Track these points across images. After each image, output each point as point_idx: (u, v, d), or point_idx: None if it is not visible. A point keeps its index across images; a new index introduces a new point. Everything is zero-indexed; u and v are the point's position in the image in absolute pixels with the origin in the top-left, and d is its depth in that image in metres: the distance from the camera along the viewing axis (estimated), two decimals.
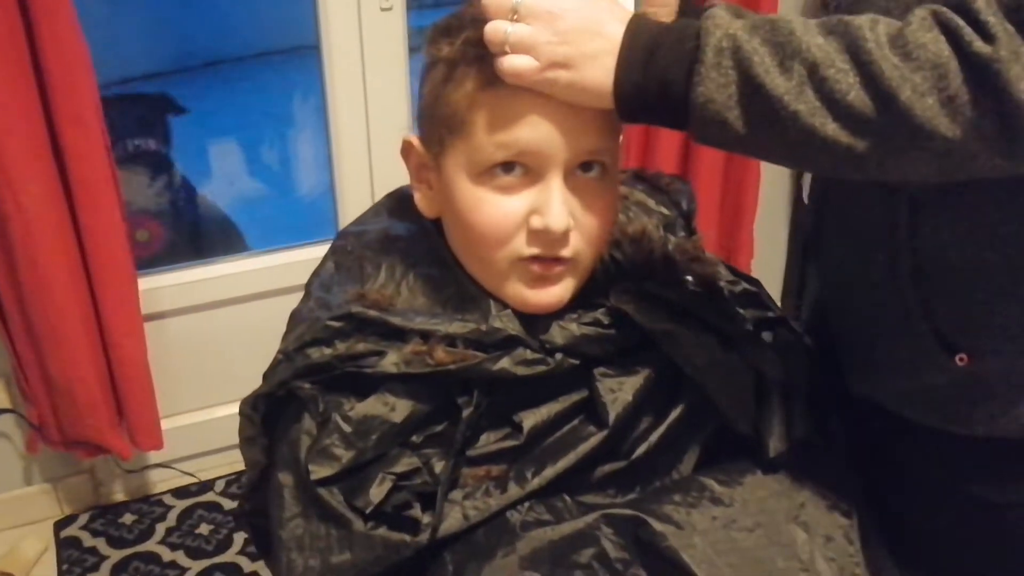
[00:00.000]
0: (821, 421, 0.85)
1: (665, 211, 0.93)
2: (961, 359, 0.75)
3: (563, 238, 0.73)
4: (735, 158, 1.99)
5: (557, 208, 0.72)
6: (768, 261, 2.35)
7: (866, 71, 0.60)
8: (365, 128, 1.87)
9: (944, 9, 0.60)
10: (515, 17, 0.68)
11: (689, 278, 0.83)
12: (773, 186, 2.21)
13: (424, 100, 0.78)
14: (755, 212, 2.10)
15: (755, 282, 0.89)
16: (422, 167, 0.80)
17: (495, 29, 0.68)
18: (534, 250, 0.74)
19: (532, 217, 0.73)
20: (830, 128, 0.62)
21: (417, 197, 0.82)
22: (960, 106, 0.59)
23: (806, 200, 0.93)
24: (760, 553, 0.73)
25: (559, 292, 0.77)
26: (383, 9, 1.79)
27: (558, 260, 0.75)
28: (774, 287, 2.45)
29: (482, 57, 0.71)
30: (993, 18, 0.58)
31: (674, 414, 0.80)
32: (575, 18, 0.67)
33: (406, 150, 0.81)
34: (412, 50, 1.85)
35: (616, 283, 0.80)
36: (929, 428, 0.81)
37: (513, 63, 0.68)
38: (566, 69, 0.67)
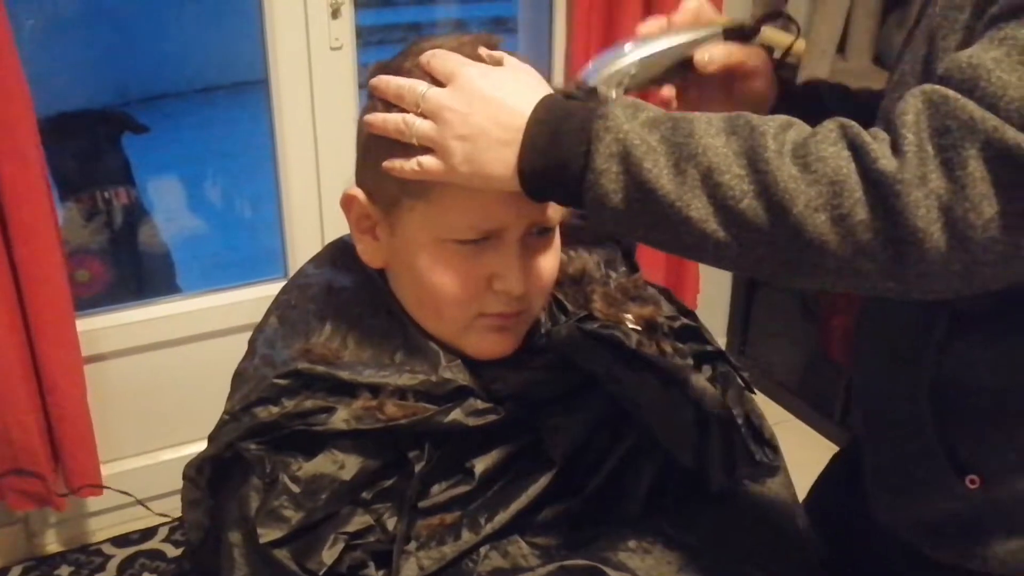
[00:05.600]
0: (764, 447, 0.87)
1: (606, 248, 0.93)
2: (972, 481, 0.71)
3: (523, 297, 0.76)
4: None
5: (517, 274, 0.75)
6: (714, 297, 2.39)
7: (762, 179, 0.58)
8: (315, 166, 1.86)
9: (853, 124, 0.59)
10: (420, 110, 0.68)
11: (629, 316, 0.84)
12: None
13: (373, 155, 0.74)
14: None
15: (693, 316, 0.90)
16: (365, 218, 0.79)
17: (399, 124, 0.68)
18: (497, 309, 0.77)
19: (493, 280, 0.75)
20: (722, 235, 0.60)
21: (360, 248, 0.80)
22: (851, 225, 0.57)
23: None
24: None
25: (514, 340, 0.80)
26: (333, 48, 1.78)
27: (516, 312, 0.78)
28: (719, 322, 2.48)
29: None
30: (913, 136, 0.56)
31: (622, 449, 0.80)
32: (480, 109, 0.66)
33: (347, 203, 0.79)
34: (363, 87, 1.84)
35: (557, 325, 0.81)
36: (945, 565, 0.77)
37: (423, 162, 0.68)
38: (469, 164, 0.66)
